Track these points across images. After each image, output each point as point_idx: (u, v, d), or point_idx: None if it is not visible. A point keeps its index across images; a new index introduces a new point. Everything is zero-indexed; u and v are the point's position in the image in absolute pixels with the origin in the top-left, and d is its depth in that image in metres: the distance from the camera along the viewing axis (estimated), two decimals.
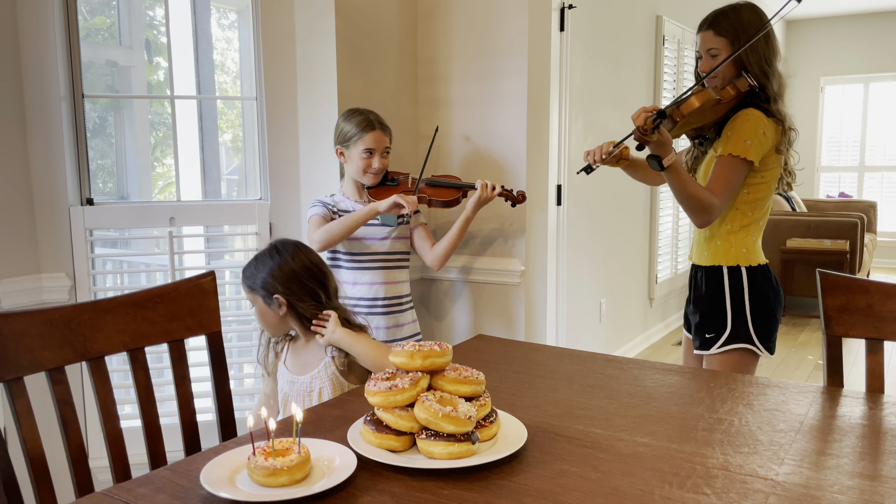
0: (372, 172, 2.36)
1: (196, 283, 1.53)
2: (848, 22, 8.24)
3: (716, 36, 1.97)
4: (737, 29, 1.95)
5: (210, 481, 1.00)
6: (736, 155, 1.91)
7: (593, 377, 1.52)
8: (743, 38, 1.94)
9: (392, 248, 2.40)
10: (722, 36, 1.96)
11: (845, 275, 1.53)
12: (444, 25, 2.82)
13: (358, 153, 2.34)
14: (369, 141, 2.32)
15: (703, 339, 2.06)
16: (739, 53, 1.92)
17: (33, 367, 1.27)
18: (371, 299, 2.38)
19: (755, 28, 1.95)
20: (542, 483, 1.03)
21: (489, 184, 2.38)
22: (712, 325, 2.04)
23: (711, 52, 1.98)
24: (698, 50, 2.03)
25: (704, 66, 2.01)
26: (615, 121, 4.25)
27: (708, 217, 1.95)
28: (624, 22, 4.26)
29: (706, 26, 2.00)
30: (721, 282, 2.03)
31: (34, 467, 1.23)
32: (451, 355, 1.19)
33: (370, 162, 2.34)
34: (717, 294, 2.04)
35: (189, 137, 2.79)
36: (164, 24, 2.62)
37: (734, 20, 1.96)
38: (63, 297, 2.33)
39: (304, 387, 1.77)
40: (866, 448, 1.15)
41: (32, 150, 2.28)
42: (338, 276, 2.40)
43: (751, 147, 1.91)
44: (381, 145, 2.35)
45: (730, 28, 1.96)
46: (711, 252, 2.05)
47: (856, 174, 8.50)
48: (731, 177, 1.93)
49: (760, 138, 1.91)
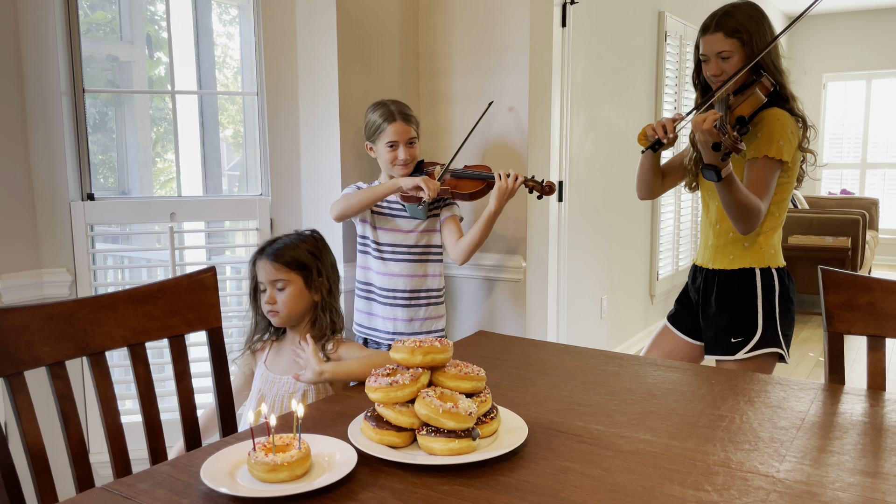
0: (399, 164, 2.34)
1: (197, 279, 1.52)
2: (851, 18, 8.21)
3: (726, 38, 1.92)
4: (747, 28, 1.92)
5: (210, 477, 1.00)
6: (772, 157, 1.89)
7: (594, 374, 1.51)
8: (755, 37, 1.91)
9: (418, 241, 2.38)
10: (733, 37, 1.92)
11: (847, 272, 1.53)
12: (445, 20, 2.81)
13: (383, 146, 2.34)
14: (392, 133, 2.31)
15: (728, 344, 2.00)
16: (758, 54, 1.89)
17: (33, 362, 1.27)
18: (391, 290, 2.37)
19: (761, 26, 1.92)
20: (542, 480, 1.03)
21: (511, 173, 2.26)
22: (740, 328, 1.99)
23: (723, 55, 1.93)
24: (704, 53, 1.99)
25: (714, 70, 1.96)
26: (617, 117, 4.24)
27: (756, 222, 1.90)
28: (626, 18, 4.25)
29: (713, 28, 1.95)
30: (751, 284, 1.99)
31: (35, 462, 1.23)
32: (451, 352, 1.19)
33: (395, 154, 2.33)
34: (746, 297, 1.99)
35: (190, 133, 2.78)
36: (164, 20, 2.61)
37: (741, 19, 1.93)
38: (64, 293, 2.32)
39: (286, 387, 1.73)
40: (868, 445, 1.15)
41: (33, 146, 2.27)
42: (365, 264, 2.43)
43: (784, 147, 1.90)
44: (405, 136, 2.32)
45: (739, 28, 1.92)
46: (739, 255, 2.00)
47: (858, 171, 8.48)
48: (769, 179, 1.91)
49: (790, 137, 1.91)
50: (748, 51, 1.92)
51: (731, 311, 2.01)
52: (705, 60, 1.99)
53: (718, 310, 2.05)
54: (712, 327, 2.06)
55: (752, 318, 1.98)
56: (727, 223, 2.02)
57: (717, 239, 2.06)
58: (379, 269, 2.39)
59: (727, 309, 2.02)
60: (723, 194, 1.87)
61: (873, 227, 6.81)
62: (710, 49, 1.96)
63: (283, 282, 1.74)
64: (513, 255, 2.72)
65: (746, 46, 1.92)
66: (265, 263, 1.76)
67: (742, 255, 2.00)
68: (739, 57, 1.93)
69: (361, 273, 2.45)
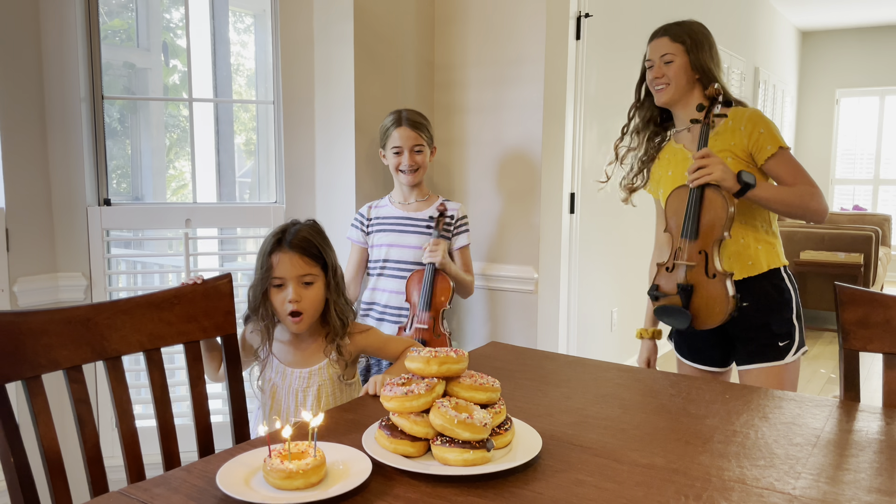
0: (402, 171, 2.34)
1: (213, 285, 1.53)
2: (864, 34, 8.20)
3: (671, 42, 2.01)
4: (692, 37, 2.01)
5: (226, 483, 1.01)
6: (786, 147, 1.92)
7: (607, 386, 1.51)
8: (698, 46, 1.99)
9: (416, 258, 2.35)
10: (677, 42, 2.00)
11: (863, 289, 1.52)
12: (461, 32, 2.83)
13: (390, 151, 2.36)
14: (396, 138, 2.33)
15: (777, 349, 1.95)
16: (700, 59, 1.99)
17: (51, 366, 1.28)
18: (383, 306, 2.38)
19: (707, 39, 2.03)
20: (557, 492, 1.02)
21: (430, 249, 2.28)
22: (783, 332, 1.96)
23: (666, 59, 2.00)
24: (649, 58, 2.05)
25: (657, 72, 2.03)
26: None
27: (822, 202, 1.89)
28: (639, 31, 4.25)
29: (660, 33, 2.04)
30: (782, 284, 1.97)
31: (50, 465, 1.24)
32: (466, 362, 1.19)
33: (399, 160, 2.34)
34: (781, 299, 1.96)
35: (205, 140, 2.81)
36: (180, 27, 2.65)
37: (687, 29, 2.02)
38: (79, 297, 2.34)
39: (300, 381, 1.67)
40: (884, 463, 1.14)
41: (52, 151, 2.30)
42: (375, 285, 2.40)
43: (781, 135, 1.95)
44: (410, 142, 2.33)
45: (684, 35, 2.01)
46: (757, 258, 1.95)
47: (870, 187, 8.44)
48: (798, 164, 1.93)
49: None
50: (691, 58, 1.99)
51: (772, 316, 1.96)
52: (650, 66, 2.05)
53: (758, 319, 1.95)
54: (754, 339, 1.97)
55: (789, 319, 1.96)
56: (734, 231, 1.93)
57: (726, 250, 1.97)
58: (377, 285, 2.39)
59: (768, 315, 1.95)
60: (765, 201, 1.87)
61: (886, 243, 6.77)
62: (655, 53, 2.03)
63: (311, 276, 1.59)
64: (525, 267, 2.73)
65: (690, 53, 1.99)
66: (290, 256, 1.58)
67: (757, 258, 1.96)
68: (682, 62, 1.99)
69: (368, 294, 2.43)
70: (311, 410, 1.66)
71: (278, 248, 1.60)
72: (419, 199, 2.41)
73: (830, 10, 7.32)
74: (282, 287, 1.60)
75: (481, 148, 2.81)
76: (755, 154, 1.92)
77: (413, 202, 2.41)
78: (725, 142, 1.94)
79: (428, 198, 2.44)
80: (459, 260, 2.44)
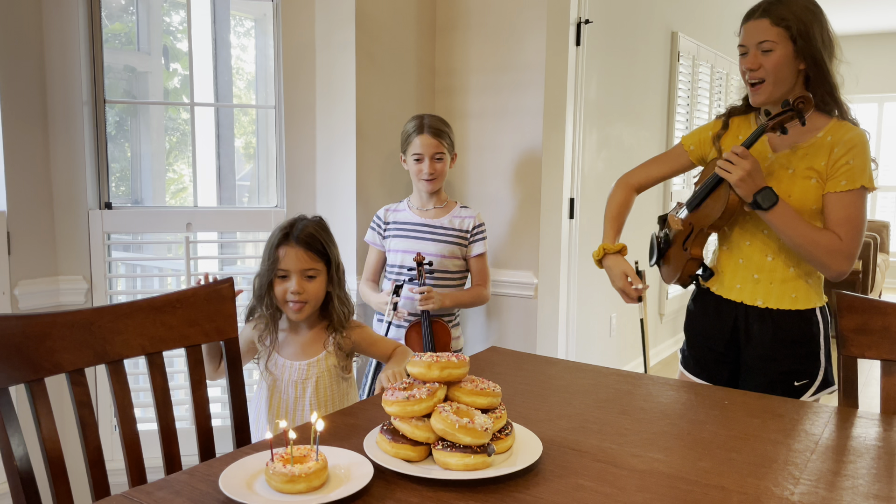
0: (423, 178, 2.34)
1: (215, 289, 1.54)
2: (863, 41, 8.23)
3: (772, 26, 1.66)
4: (800, 19, 1.66)
5: (229, 486, 1.01)
6: (869, 188, 1.69)
7: (607, 392, 1.52)
8: (810, 32, 1.66)
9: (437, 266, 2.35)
10: (780, 26, 1.65)
11: (862, 296, 1.53)
12: (462, 38, 2.84)
13: (411, 158, 2.36)
14: (417, 145, 2.32)
15: (790, 387, 1.78)
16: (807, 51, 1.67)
17: (54, 369, 1.29)
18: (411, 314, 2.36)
19: (817, 21, 1.67)
20: (557, 497, 1.03)
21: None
22: (804, 371, 1.78)
23: (763, 47, 1.68)
24: (743, 43, 1.73)
25: (751, 62, 1.70)
26: (629, 136, 4.25)
27: (844, 268, 1.69)
28: (639, 38, 4.28)
29: (759, 14, 1.68)
30: (814, 325, 1.78)
31: (52, 468, 1.24)
32: (468, 367, 1.20)
33: (420, 168, 2.33)
34: (810, 338, 1.78)
35: (205, 144, 2.81)
36: (180, 31, 2.65)
37: (794, 9, 1.67)
38: (80, 300, 2.35)
39: (299, 373, 1.73)
40: (882, 470, 1.15)
41: (54, 154, 2.30)
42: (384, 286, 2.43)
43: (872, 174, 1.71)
44: (431, 150, 2.32)
45: (788, 17, 1.65)
46: (803, 294, 1.78)
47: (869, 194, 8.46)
48: (864, 214, 1.70)
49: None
50: (797, 46, 1.66)
51: (795, 355, 1.78)
52: (744, 53, 1.73)
53: (777, 353, 1.79)
54: (768, 372, 1.80)
55: (815, 360, 1.78)
56: (785, 256, 1.77)
57: (770, 273, 1.79)
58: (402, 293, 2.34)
59: (790, 352, 1.78)
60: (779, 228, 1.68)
61: (884, 250, 6.79)
62: (750, 38, 1.70)
63: (314, 270, 1.69)
64: (525, 272, 2.73)
65: (796, 40, 1.65)
66: (295, 250, 1.68)
67: (807, 293, 1.78)
68: (784, 52, 1.67)
69: None
70: (310, 401, 1.72)
71: (285, 242, 1.70)
72: (437, 206, 2.42)
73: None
74: (286, 278, 1.70)
75: (482, 153, 2.82)
76: (828, 181, 1.71)
77: (431, 209, 2.41)
78: (816, 161, 1.72)
79: (446, 204, 2.45)
80: (475, 268, 2.43)
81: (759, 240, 1.81)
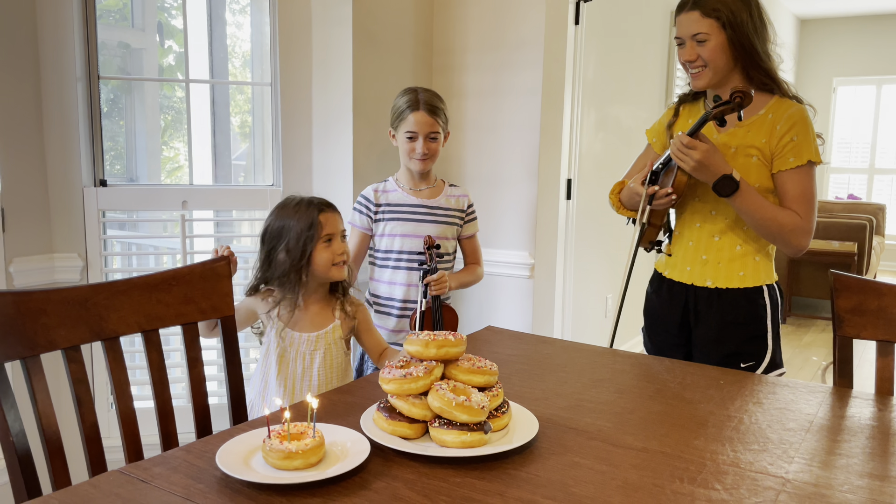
0: (416, 158, 2.19)
1: (211, 267, 1.53)
2: (862, 23, 8.19)
3: (703, 17, 1.70)
4: (729, 7, 1.69)
5: (226, 463, 1.01)
6: (816, 161, 1.71)
7: (603, 371, 1.52)
8: (738, 18, 1.69)
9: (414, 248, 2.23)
10: (710, 17, 1.70)
11: (858, 276, 1.53)
12: (460, 16, 2.81)
13: (402, 135, 2.19)
14: (411, 122, 2.16)
15: (736, 369, 1.69)
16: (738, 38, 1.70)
17: (49, 346, 1.28)
18: (386, 299, 2.27)
19: (745, 6, 1.70)
20: (553, 474, 1.04)
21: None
22: (750, 352, 1.80)
23: (698, 38, 1.72)
24: (678, 35, 1.77)
25: (689, 54, 1.74)
26: (627, 116, 4.24)
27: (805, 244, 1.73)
28: (638, 17, 4.24)
29: (690, 6, 1.72)
30: (761, 303, 1.80)
31: (49, 445, 1.25)
32: (465, 345, 1.20)
33: (413, 146, 2.18)
34: (756, 317, 1.81)
35: (201, 122, 2.79)
36: (175, 7, 2.62)
37: None
38: (75, 278, 2.34)
39: (308, 344, 1.78)
40: (876, 449, 1.16)
41: (48, 131, 2.28)
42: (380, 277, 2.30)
43: (818, 147, 1.74)
44: (426, 129, 2.17)
45: (718, 7, 1.69)
46: (751, 271, 1.80)
47: (865, 176, 8.47)
48: (814, 189, 1.73)
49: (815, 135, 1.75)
50: (729, 34, 1.70)
51: (740, 335, 1.81)
52: (680, 44, 1.77)
53: (723, 333, 1.82)
54: (714, 353, 1.83)
55: (762, 340, 1.81)
56: (732, 235, 1.81)
57: (717, 253, 1.82)
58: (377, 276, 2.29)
59: (735, 332, 1.81)
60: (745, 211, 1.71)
61: (880, 232, 6.80)
62: (684, 30, 1.74)
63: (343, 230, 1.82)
64: (521, 252, 2.73)
65: (727, 29, 1.69)
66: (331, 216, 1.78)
67: (755, 270, 1.80)
68: (718, 41, 1.71)
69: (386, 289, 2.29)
70: (318, 372, 1.79)
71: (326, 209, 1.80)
72: (430, 186, 2.28)
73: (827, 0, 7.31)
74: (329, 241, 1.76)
75: (479, 132, 2.81)
76: (775, 160, 1.74)
77: (425, 189, 2.27)
78: (756, 138, 1.75)
79: (436, 183, 2.31)
80: (470, 247, 2.35)
81: (709, 221, 1.85)
